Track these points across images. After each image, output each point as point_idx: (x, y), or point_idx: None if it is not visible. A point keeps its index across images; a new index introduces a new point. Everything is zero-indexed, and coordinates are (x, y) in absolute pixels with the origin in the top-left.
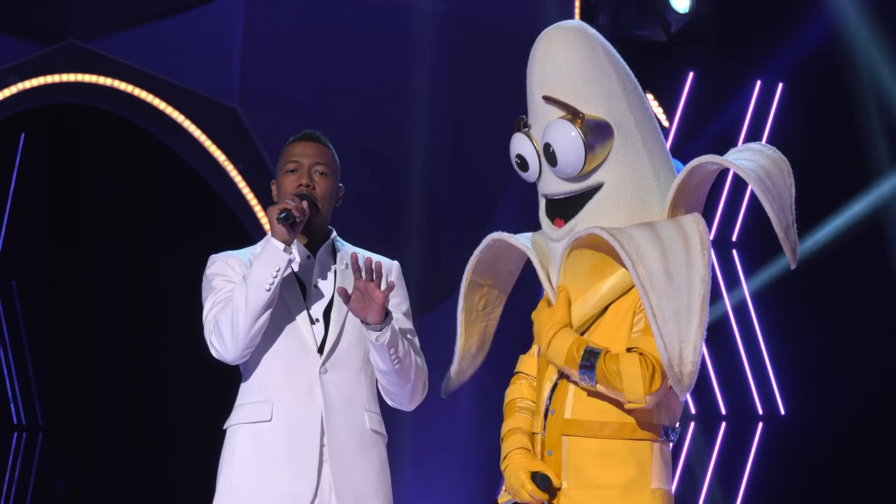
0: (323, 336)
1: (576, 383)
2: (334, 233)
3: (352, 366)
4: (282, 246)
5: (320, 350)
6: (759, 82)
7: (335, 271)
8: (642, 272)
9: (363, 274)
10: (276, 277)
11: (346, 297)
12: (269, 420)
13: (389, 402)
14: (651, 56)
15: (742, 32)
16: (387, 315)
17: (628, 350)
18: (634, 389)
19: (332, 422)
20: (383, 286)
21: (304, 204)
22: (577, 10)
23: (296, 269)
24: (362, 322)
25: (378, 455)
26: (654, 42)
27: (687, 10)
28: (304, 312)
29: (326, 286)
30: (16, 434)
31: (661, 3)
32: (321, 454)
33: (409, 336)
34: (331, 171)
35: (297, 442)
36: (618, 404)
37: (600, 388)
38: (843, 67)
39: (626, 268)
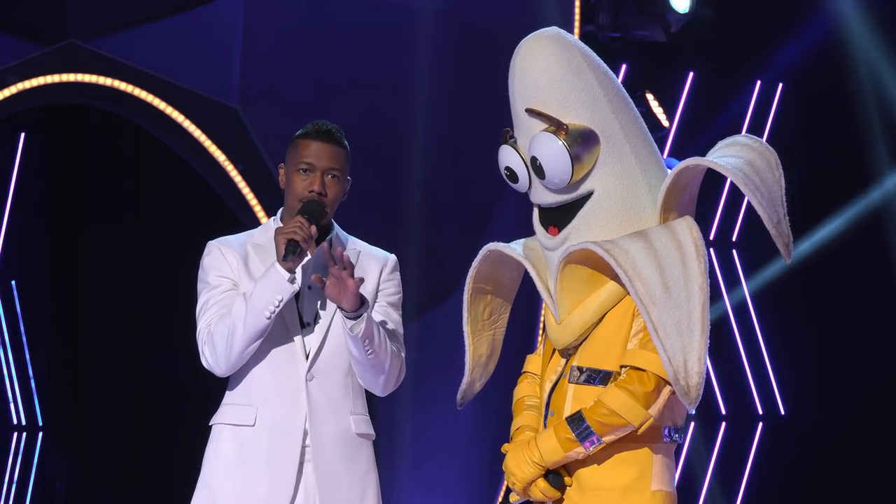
0: (311, 341)
1: (586, 457)
2: (335, 229)
3: (339, 370)
4: (287, 276)
5: (307, 356)
6: (759, 82)
7: (328, 272)
8: (640, 288)
9: (335, 262)
10: (277, 306)
11: (321, 284)
12: (253, 425)
13: (362, 384)
14: (651, 56)
15: (742, 32)
16: (362, 304)
17: (622, 367)
18: (637, 414)
19: (317, 428)
20: (358, 276)
21: (312, 229)
22: (577, 10)
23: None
24: (339, 308)
25: (365, 458)
26: (654, 42)
27: (687, 10)
28: (296, 316)
29: (320, 288)
30: (16, 434)
31: (661, 3)
32: (301, 461)
33: (390, 326)
34: (343, 173)
35: (277, 448)
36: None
37: (609, 438)
38: (843, 67)
39: (622, 284)
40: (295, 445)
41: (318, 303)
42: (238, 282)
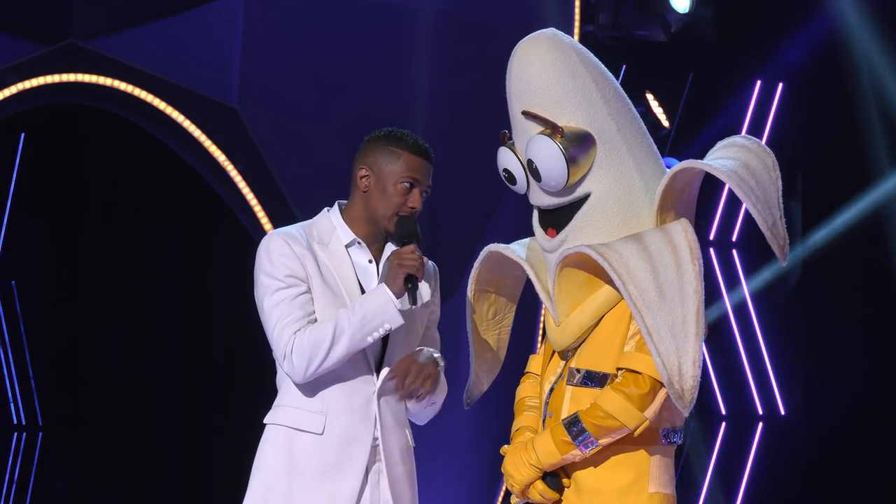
0: (380, 354)
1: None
2: None
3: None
4: (398, 305)
5: (378, 368)
6: (759, 82)
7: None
8: (634, 292)
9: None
10: (382, 333)
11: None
12: (321, 433)
13: (411, 418)
14: (651, 56)
15: (742, 32)
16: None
17: (618, 370)
18: (632, 417)
19: (387, 439)
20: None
21: (424, 261)
22: (577, 10)
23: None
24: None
25: (414, 468)
26: (654, 42)
27: (687, 10)
28: None
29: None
30: (16, 434)
31: (661, 3)
32: (366, 473)
33: (437, 348)
34: None
35: (344, 459)
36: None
37: (605, 440)
38: (843, 67)
39: (616, 288)
40: (363, 456)
41: None
42: (311, 285)
